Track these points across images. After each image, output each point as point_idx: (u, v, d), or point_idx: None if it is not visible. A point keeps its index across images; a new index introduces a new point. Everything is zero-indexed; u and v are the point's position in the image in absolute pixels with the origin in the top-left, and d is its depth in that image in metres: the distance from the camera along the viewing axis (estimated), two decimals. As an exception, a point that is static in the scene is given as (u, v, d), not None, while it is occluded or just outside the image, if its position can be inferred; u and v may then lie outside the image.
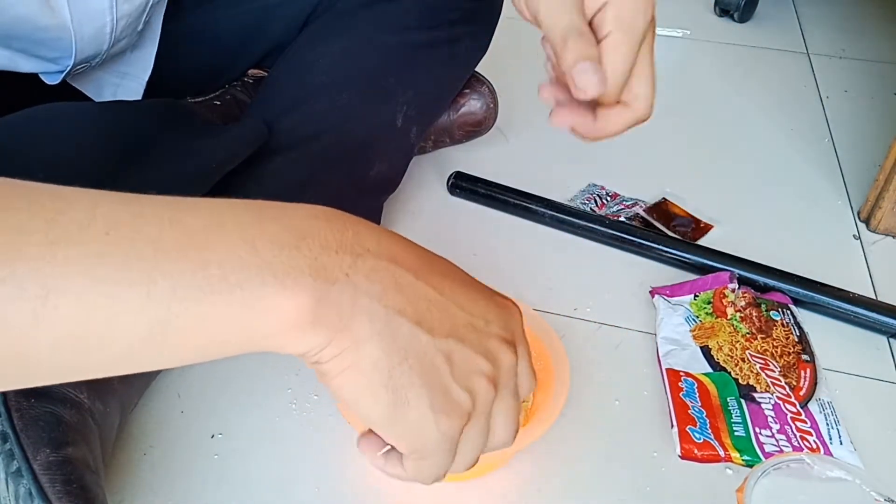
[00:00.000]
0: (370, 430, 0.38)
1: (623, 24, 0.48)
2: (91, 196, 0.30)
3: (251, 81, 0.88)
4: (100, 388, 0.58)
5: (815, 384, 0.68)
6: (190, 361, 0.33)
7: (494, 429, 0.39)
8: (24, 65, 0.61)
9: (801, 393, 0.67)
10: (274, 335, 0.32)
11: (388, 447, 0.39)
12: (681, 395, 0.66)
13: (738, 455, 0.62)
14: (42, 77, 0.64)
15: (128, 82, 0.70)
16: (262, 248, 0.31)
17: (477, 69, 0.88)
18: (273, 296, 0.31)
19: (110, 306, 0.29)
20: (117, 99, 0.70)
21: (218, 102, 0.84)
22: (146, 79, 0.71)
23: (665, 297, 0.77)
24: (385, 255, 0.34)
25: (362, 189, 0.76)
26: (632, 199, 0.92)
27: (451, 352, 0.35)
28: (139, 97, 0.71)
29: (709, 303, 0.75)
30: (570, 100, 0.49)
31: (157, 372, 0.67)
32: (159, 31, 0.70)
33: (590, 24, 0.48)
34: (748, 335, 0.72)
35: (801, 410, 0.65)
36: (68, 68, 0.62)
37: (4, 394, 0.54)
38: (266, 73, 0.85)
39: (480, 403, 0.37)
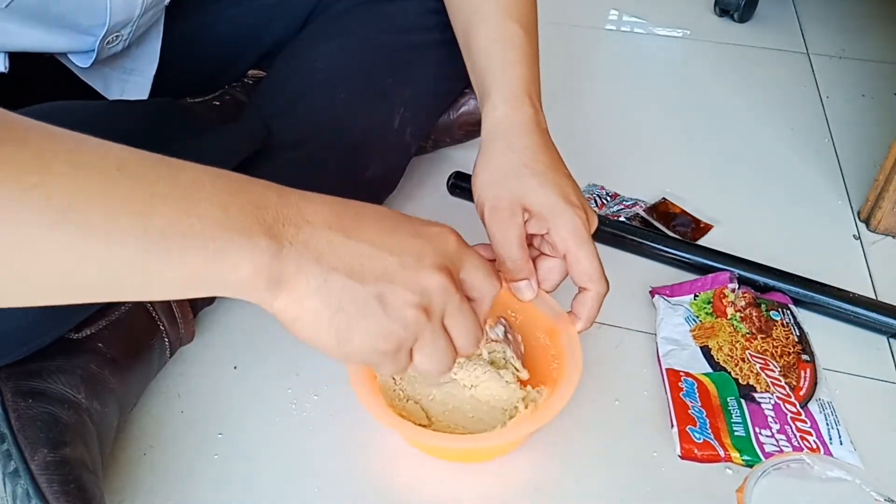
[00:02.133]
0: None
1: (576, 238, 0.58)
2: (101, 140, 0.36)
3: (251, 82, 0.88)
4: (98, 388, 0.58)
5: (815, 384, 0.68)
6: (158, 296, 0.39)
7: (454, 336, 0.47)
8: (59, 41, 0.61)
9: (801, 393, 0.67)
10: (234, 285, 0.39)
11: None
12: (681, 395, 0.66)
13: (738, 455, 0.62)
14: (74, 59, 0.64)
15: (135, 78, 0.71)
16: (233, 213, 0.38)
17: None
18: (237, 253, 0.38)
19: (111, 232, 0.34)
20: (125, 94, 0.70)
21: (217, 103, 0.84)
22: (152, 74, 0.71)
23: (665, 297, 0.77)
24: (321, 223, 0.41)
25: (359, 189, 0.76)
26: (632, 199, 0.92)
27: (382, 293, 0.43)
28: (146, 93, 0.71)
29: (709, 303, 0.75)
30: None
31: (156, 372, 0.67)
32: (162, 27, 0.70)
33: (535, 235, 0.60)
34: (748, 335, 0.72)
35: (801, 410, 0.65)
36: (99, 41, 0.62)
37: (2, 394, 0.54)
38: (265, 74, 0.85)
39: (415, 328, 0.44)
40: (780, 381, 0.68)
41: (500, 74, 0.64)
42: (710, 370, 0.69)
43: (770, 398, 0.66)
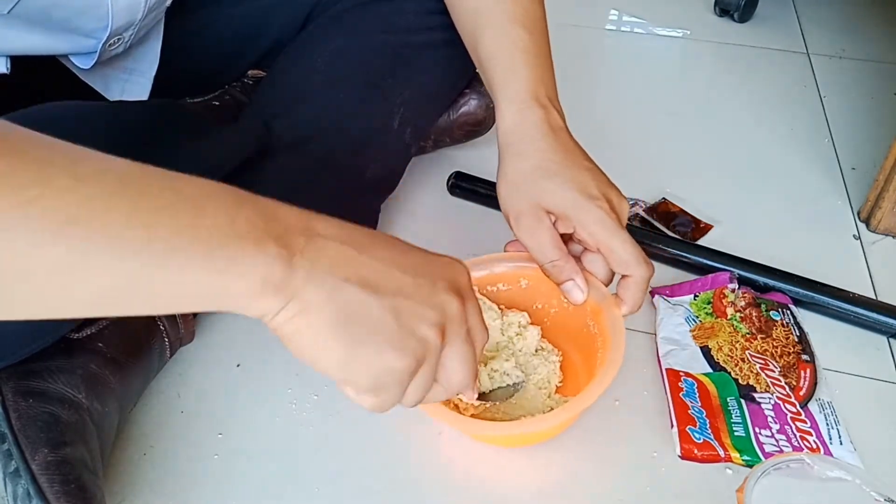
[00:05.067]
0: None
1: (604, 230, 0.57)
2: (102, 154, 0.35)
3: (250, 82, 0.88)
4: (98, 388, 0.58)
5: (815, 384, 0.68)
6: (163, 310, 0.37)
7: (449, 372, 0.45)
8: (61, 45, 0.61)
9: (801, 393, 0.67)
10: (241, 295, 0.37)
11: None
12: (681, 395, 0.66)
13: (738, 455, 0.62)
14: (75, 61, 0.64)
15: (135, 78, 0.71)
16: (240, 224, 0.37)
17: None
18: (246, 262, 0.37)
19: (114, 245, 0.33)
20: (125, 95, 0.70)
21: (217, 103, 0.84)
22: (153, 74, 0.71)
23: (665, 297, 0.77)
24: (333, 237, 0.40)
25: (358, 190, 0.76)
26: (632, 199, 0.92)
27: (398, 307, 0.41)
28: (146, 94, 0.71)
29: (709, 303, 0.75)
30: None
31: (156, 372, 0.67)
32: (163, 27, 0.70)
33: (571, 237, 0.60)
34: (748, 335, 0.72)
35: (801, 410, 0.65)
36: (101, 43, 0.62)
37: (2, 394, 0.54)
38: (265, 74, 0.85)
39: (430, 349, 0.42)
40: (780, 381, 0.68)
41: (503, 82, 0.63)
42: (710, 370, 0.69)
43: (770, 398, 0.66)
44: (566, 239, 0.60)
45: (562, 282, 0.59)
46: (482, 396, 0.61)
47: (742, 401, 0.66)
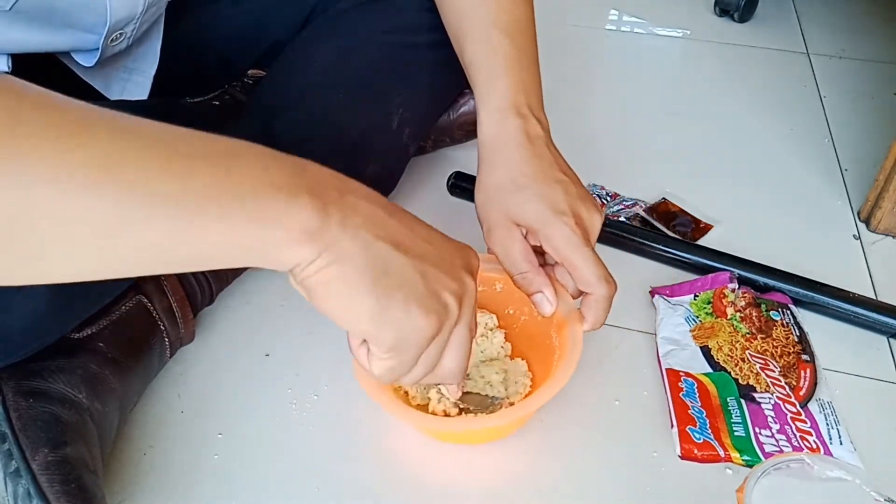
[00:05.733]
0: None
1: (568, 245, 0.57)
2: (131, 115, 0.35)
3: (250, 82, 0.88)
4: (98, 387, 0.58)
5: (815, 384, 0.68)
6: (199, 264, 0.37)
7: (445, 357, 0.46)
8: (63, 41, 0.61)
9: (801, 393, 0.67)
10: (275, 243, 0.37)
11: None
12: (681, 395, 0.66)
13: (738, 455, 0.62)
14: (78, 59, 0.64)
15: (136, 77, 0.71)
16: (274, 173, 0.37)
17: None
18: (282, 207, 0.37)
19: (152, 193, 0.33)
20: (125, 93, 0.70)
21: (217, 103, 0.84)
22: (153, 73, 0.71)
23: (665, 297, 0.77)
24: (363, 196, 0.41)
25: None
26: (632, 199, 0.92)
27: (425, 271, 0.42)
28: (146, 93, 0.71)
29: (709, 303, 0.75)
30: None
31: (156, 372, 0.67)
32: (163, 25, 0.70)
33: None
34: (748, 335, 0.72)
35: (801, 410, 0.65)
36: (102, 39, 0.62)
37: (3, 394, 0.54)
38: (265, 74, 0.85)
39: (450, 315, 0.44)
40: (780, 381, 0.68)
41: (484, 91, 0.63)
42: (710, 370, 0.69)
43: (770, 398, 0.66)
44: (541, 250, 0.60)
45: (531, 293, 0.59)
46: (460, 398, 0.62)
47: (742, 401, 0.66)
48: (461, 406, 0.61)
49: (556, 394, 0.56)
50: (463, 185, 0.90)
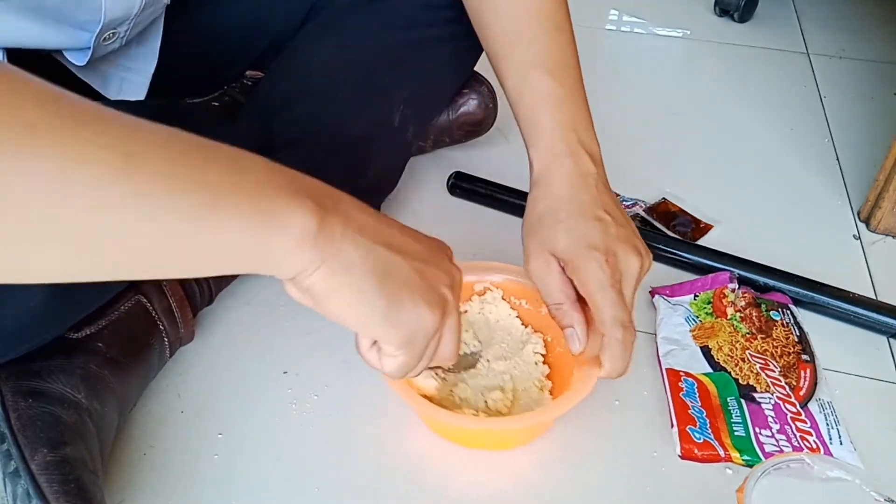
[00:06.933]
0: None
1: (593, 283, 0.56)
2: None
3: (249, 83, 0.88)
4: (98, 387, 0.58)
5: (815, 384, 0.68)
6: (204, 270, 0.38)
7: (442, 343, 0.49)
8: (53, 37, 0.60)
9: (801, 393, 0.67)
10: (281, 250, 0.38)
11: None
12: (681, 395, 0.66)
13: (738, 455, 0.62)
14: (70, 57, 0.63)
15: (133, 76, 0.70)
16: (278, 178, 0.38)
17: (476, 69, 0.88)
18: (285, 213, 0.37)
19: (172, 188, 0.33)
20: (123, 92, 0.70)
21: (216, 103, 0.84)
22: (151, 73, 0.70)
23: (665, 297, 0.77)
24: (354, 206, 0.43)
25: (359, 189, 0.76)
26: (632, 199, 0.92)
27: (422, 269, 0.45)
28: (144, 93, 0.71)
29: (709, 303, 0.75)
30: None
31: (156, 372, 0.67)
32: (162, 25, 0.70)
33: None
34: (748, 335, 0.72)
35: (801, 410, 0.65)
36: (94, 37, 0.61)
37: (2, 394, 0.54)
38: (264, 75, 0.85)
39: (449, 308, 0.47)
40: (780, 381, 0.68)
41: (528, 134, 0.63)
42: (710, 370, 0.69)
43: (770, 398, 0.66)
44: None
45: (563, 327, 0.59)
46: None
47: (742, 401, 0.66)
48: (442, 376, 0.63)
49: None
50: (463, 185, 0.90)
